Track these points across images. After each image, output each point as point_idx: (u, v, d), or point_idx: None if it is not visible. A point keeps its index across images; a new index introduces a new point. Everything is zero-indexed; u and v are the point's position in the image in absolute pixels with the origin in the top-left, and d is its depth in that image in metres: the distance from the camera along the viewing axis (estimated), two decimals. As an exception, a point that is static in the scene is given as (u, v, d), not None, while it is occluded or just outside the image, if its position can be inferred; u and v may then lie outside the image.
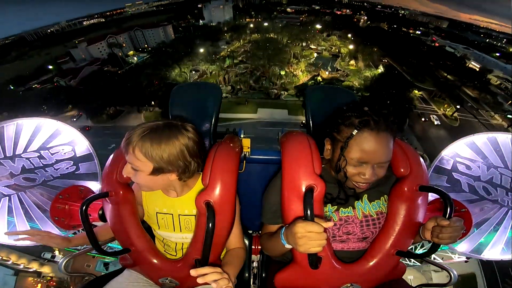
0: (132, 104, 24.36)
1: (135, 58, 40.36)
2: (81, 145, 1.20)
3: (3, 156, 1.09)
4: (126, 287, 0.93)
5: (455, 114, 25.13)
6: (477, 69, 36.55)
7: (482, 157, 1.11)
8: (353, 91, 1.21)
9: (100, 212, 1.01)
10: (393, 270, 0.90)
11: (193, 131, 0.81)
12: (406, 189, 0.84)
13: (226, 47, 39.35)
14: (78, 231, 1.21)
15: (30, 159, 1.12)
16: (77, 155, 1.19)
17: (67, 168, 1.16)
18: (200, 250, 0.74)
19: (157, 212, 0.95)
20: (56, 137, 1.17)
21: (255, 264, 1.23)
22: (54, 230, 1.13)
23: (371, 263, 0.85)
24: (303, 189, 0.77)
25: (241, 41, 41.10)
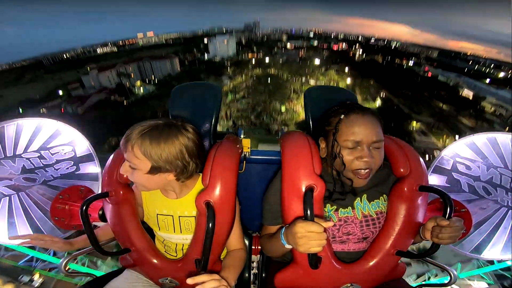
0: None
1: (142, 90, 41.26)
2: (81, 145, 1.20)
3: (3, 156, 1.09)
4: (126, 287, 0.93)
5: None
6: (471, 97, 37.37)
7: (482, 157, 1.11)
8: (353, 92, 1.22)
9: (100, 212, 1.01)
10: (393, 270, 0.90)
11: (193, 131, 0.81)
12: (406, 189, 0.84)
13: (229, 82, 40.19)
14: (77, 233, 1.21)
15: (30, 159, 1.12)
16: (77, 155, 1.19)
17: (67, 168, 1.17)
18: (200, 250, 0.74)
19: (157, 214, 0.95)
20: (57, 137, 1.17)
21: (255, 264, 1.23)
22: (55, 230, 1.14)
23: (371, 263, 0.85)
24: (303, 189, 0.77)
25: (243, 76, 42.21)
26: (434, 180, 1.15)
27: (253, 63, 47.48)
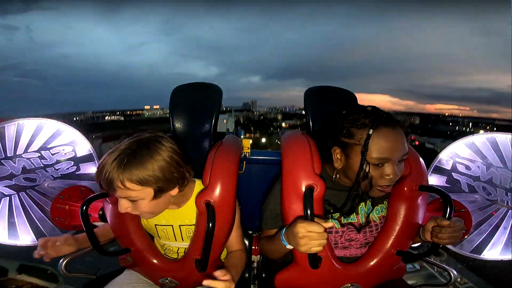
0: None
1: None
2: (82, 145, 1.20)
3: (3, 156, 1.09)
4: (126, 287, 0.93)
5: None
6: None
7: (481, 157, 1.11)
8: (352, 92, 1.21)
9: (100, 212, 1.01)
10: (393, 270, 0.90)
11: (166, 139, 0.73)
12: (406, 189, 0.84)
13: None
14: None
15: (30, 159, 1.12)
16: (78, 156, 1.19)
17: (68, 168, 1.17)
18: (200, 250, 0.74)
19: (156, 225, 0.94)
20: (57, 138, 1.17)
21: (255, 264, 1.23)
22: (55, 230, 1.14)
23: (371, 263, 0.85)
24: (303, 189, 0.78)
25: None
26: (434, 180, 1.15)
27: (251, 143, 49.01)
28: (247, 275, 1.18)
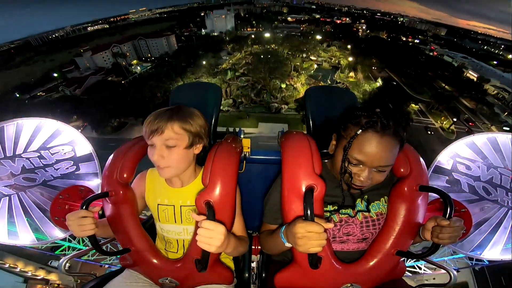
0: (136, 116, 24.09)
1: (139, 68, 40.39)
2: (81, 145, 1.20)
3: (3, 156, 1.09)
4: (126, 287, 0.93)
5: (452, 127, 24.98)
6: (475, 79, 36.48)
7: (482, 157, 1.11)
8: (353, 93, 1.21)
9: (100, 212, 1.01)
10: (393, 270, 0.90)
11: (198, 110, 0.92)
12: (406, 189, 0.84)
13: (228, 58, 39.21)
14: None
15: (30, 159, 1.12)
16: (77, 155, 1.19)
17: (67, 168, 1.16)
18: (200, 250, 0.74)
19: (158, 204, 0.96)
20: (56, 137, 1.17)
21: (255, 264, 1.23)
22: (55, 230, 1.14)
23: (371, 263, 0.85)
24: (303, 189, 0.77)
25: (243, 52, 41.03)
26: (434, 180, 1.15)
27: (253, 37, 45.29)
28: (247, 275, 1.18)
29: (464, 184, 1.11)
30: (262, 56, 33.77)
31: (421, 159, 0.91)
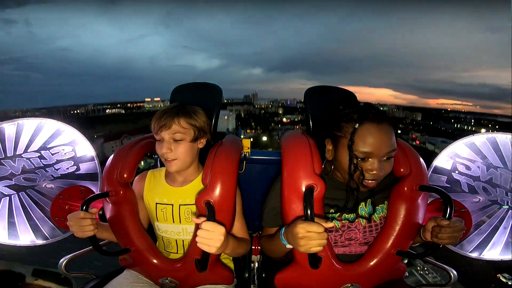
0: None
1: (142, 163, 41.18)
2: (82, 145, 1.20)
3: (3, 156, 1.09)
4: (126, 287, 0.93)
5: None
6: None
7: (481, 157, 1.11)
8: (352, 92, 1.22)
9: (100, 212, 1.01)
10: (393, 270, 0.90)
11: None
12: (406, 189, 0.84)
13: None
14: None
15: (30, 159, 1.12)
16: (78, 155, 1.19)
17: (68, 168, 1.16)
18: (200, 250, 0.74)
19: (156, 203, 0.97)
20: (57, 137, 1.17)
21: (255, 264, 1.23)
22: (55, 230, 1.13)
23: (371, 263, 0.85)
24: (303, 189, 0.78)
25: None
26: (434, 180, 1.15)
27: (251, 140, 47.78)
28: (247, 275, 1.18)
29: (464, 184, 1.11)
30: None
31: (421, 159, 0.91)
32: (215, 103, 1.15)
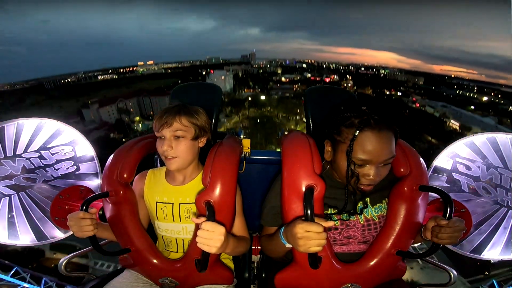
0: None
1: (140, 125, 40.77)
2: (82, 145, 1.20)
3: (3, 156, 1.09)
4: (126, 287, 0.93)
5: None
6: (458, 128, 37.76)
7: (481, 157, 1.11)
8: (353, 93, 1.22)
9: (100, 212, 1.01)
10: (393, 270, 0.90)
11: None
12: (406, 188, 0.84)
13: (225, 121, 40.23)
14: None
15: (30, 159, 1.12)
16: (78, 155, 1.19)
17: (68, 168, 1.16)
18: (200, 250, 0.74)
19: (157, 202, 0.97)
20: (57, 137, 1.17)
21: (255, 264, 1.23)
22: (55, 230, 1.14)
23: (371, 263, 0.85)
24: (303, 189, 0.77)
25: (240, 116, 42.27)
26: (434, 180, 1.15)
27: (249, 99, 47.58)
28: (247, 275, 1.18)
29: (464, 184, 1.11)
30: (258, 121, 35.18)
31: (421, 159, 0.91)
32: (215, 103, 1.15)
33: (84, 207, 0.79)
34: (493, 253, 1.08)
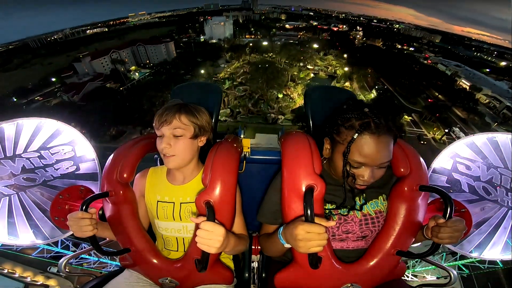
0: (135, 125, 23.94)
1: (137, 74, 40.02)
2: (81, 145, 1.20)
3: (3, 156, 1.09)
4: (126, 287, 0.93)
5: (444, 138, 25.18)
6: (467, 88, 36.93)
7: (482, 157, 1.11)
8: (353, 92, 1.21)
9: (100, 212, 1.01)
10: (393, 270, 0.90)
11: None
12: (406, 188, 0.84)
13: (226, 66, 39.09)
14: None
15: (30, 159, 1.12)
16: (77, 155, 1.18)
17: (67, 168, 1.16)
18: (200, 250, 0.74)
19: (158, 201, 0.97)
20: (57, 137, 1.17)
21: (255, 264, 1.23)
22: (55, 230, 1.13)
23: (371, 263, 0.85)
24: (303, 189, 0.77)
25: (241, 61, 41.06)
26: (434, 180, 1.15)
27: (251, 45, 45.73)
28: (247, 275, 1.18)
29: (464, 184, 1.11)
30: (260, 66, 33.84)
31: (421, 159, 0.91)
32: (215, 103, 1.15)
33: (84, 207, 0.79)
34: (493, 253, 1.08)
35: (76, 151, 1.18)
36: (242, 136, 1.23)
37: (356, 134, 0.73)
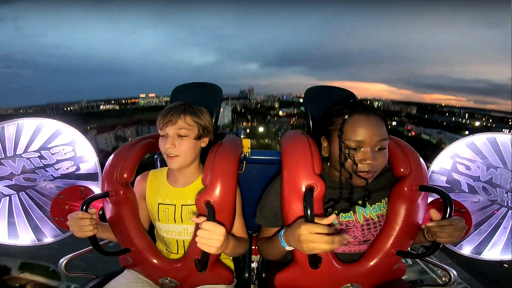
0: None
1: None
2: (82, 145, 1.20)
3: (3, 156, 1.09)
4: (126, 287, 0.93)
5: None
6: None
7: (481, 157, 1.11)
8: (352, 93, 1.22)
9: (100, 212, 1.01)
10: (393, 270, 0.90)
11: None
12: (406, 188, 0.84)
13: None
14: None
15: (30, 159, 1.12)
16: (78, 155, 1.19)
17: (68, 168, 1.16)
18: (200, 250, 0.74)
19: (159, 203, 0.97)
20: (57, 137, 1.17)
21: (255, 264, 1.23)
22: (55, 230, 1.13)
23: (371, 263, 0.85)
24: (303, 189, 0.77)
25: None
26: (434, 180, 1.15)
27: (248, 132, 48.20)
28: (247, 275, 1.18)
29: (464, 184, 1.11)
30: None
31: (421, 159, 0.91)
32: (215, 103, 1.15)
33: (84, 207, 0.79)
34: (493, 253, 1.08)
35: (76, 151, 1.19)
36: (242, 136, 1.23)
37: (347, 116, 0.78)
